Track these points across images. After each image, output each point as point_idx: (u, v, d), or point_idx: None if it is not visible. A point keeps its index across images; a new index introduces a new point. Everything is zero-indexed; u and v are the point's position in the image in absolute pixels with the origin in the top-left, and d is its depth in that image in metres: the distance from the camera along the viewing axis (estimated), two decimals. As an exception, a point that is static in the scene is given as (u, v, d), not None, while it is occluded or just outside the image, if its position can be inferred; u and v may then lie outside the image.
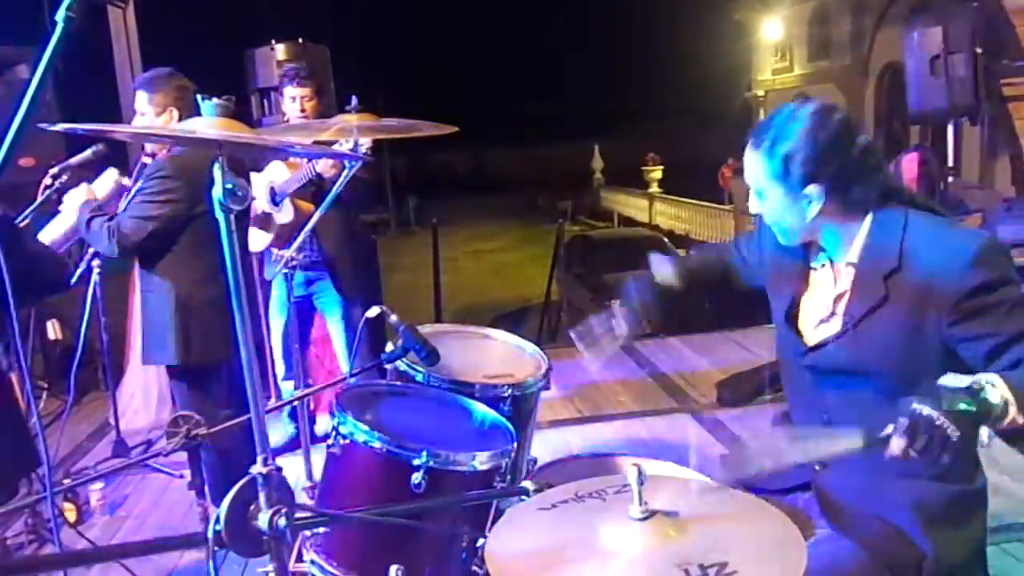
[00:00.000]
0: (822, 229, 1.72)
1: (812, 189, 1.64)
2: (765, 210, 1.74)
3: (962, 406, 1.40)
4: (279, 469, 1.18)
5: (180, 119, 3.09)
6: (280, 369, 4.19)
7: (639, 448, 4.12)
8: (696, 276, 2.08)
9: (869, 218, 1.69)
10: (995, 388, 1.43)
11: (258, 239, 3.85)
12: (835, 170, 1.64)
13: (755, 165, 1.70)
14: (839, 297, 1.74)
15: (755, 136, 1.70)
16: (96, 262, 3.86)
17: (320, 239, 3.93)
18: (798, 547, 1.22)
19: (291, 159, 3.93)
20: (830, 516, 1.76)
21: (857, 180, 1.66)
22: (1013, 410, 1.43)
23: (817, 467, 1.80)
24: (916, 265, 1.62)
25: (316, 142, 2.88)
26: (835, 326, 1.74)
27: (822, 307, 1.78)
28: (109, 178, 3.13)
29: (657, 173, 24.28)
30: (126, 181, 3.18)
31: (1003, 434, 1.49)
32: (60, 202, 3.19)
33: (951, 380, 1.45)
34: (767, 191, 1.70)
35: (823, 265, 1.79)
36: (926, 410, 1.38)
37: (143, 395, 4.89)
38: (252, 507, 1.11)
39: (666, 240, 15.88)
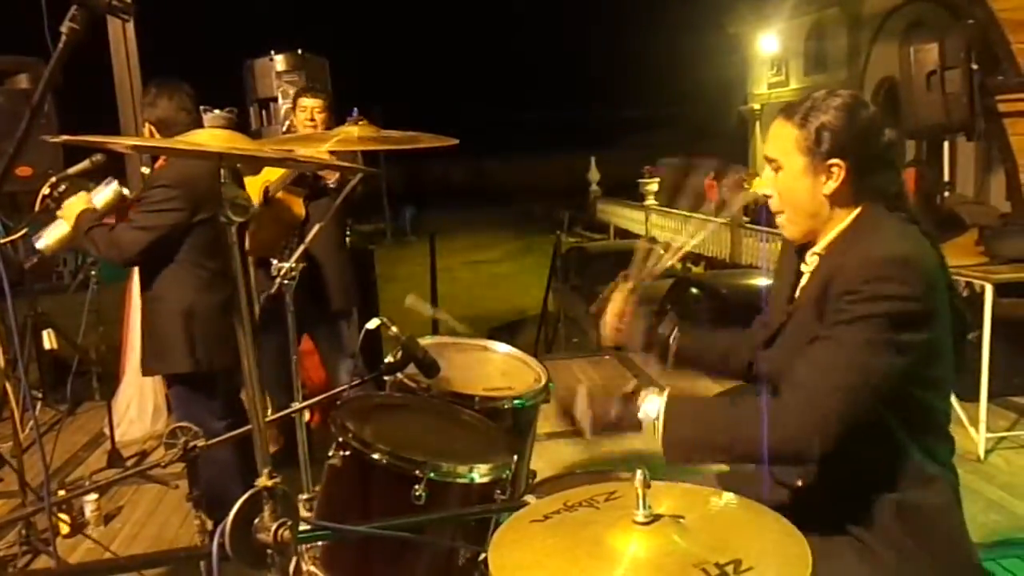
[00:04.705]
0: (817, 219, 1.69)
1: (836, 163, 1.64)
2: (778, 186, 1.71)
3: None
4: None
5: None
6: None
7: (636, 460, 4.09)
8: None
9: (856, 212, 1.68)
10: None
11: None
12: (861, 153, 1.65)
13: (783, 135, 1.69)
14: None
15: (789, 109, 1.71)
16: (93, 272, 3.85)
17: (309, 253, 3.86)
18: (799, 541, 1.23)
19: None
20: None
21: (876, 171, 1.67)
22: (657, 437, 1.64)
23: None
24: (843, 263, 1.60)
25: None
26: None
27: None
28: (109, 189, 3.12)
29: (653, 186, 24.29)
30: (127, 192, 3.16)
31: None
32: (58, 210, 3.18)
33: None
34: (788, 162, 1.68)
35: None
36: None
37: (138, 405, 4.87)
38: (257, 520, 1.11)
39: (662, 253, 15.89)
